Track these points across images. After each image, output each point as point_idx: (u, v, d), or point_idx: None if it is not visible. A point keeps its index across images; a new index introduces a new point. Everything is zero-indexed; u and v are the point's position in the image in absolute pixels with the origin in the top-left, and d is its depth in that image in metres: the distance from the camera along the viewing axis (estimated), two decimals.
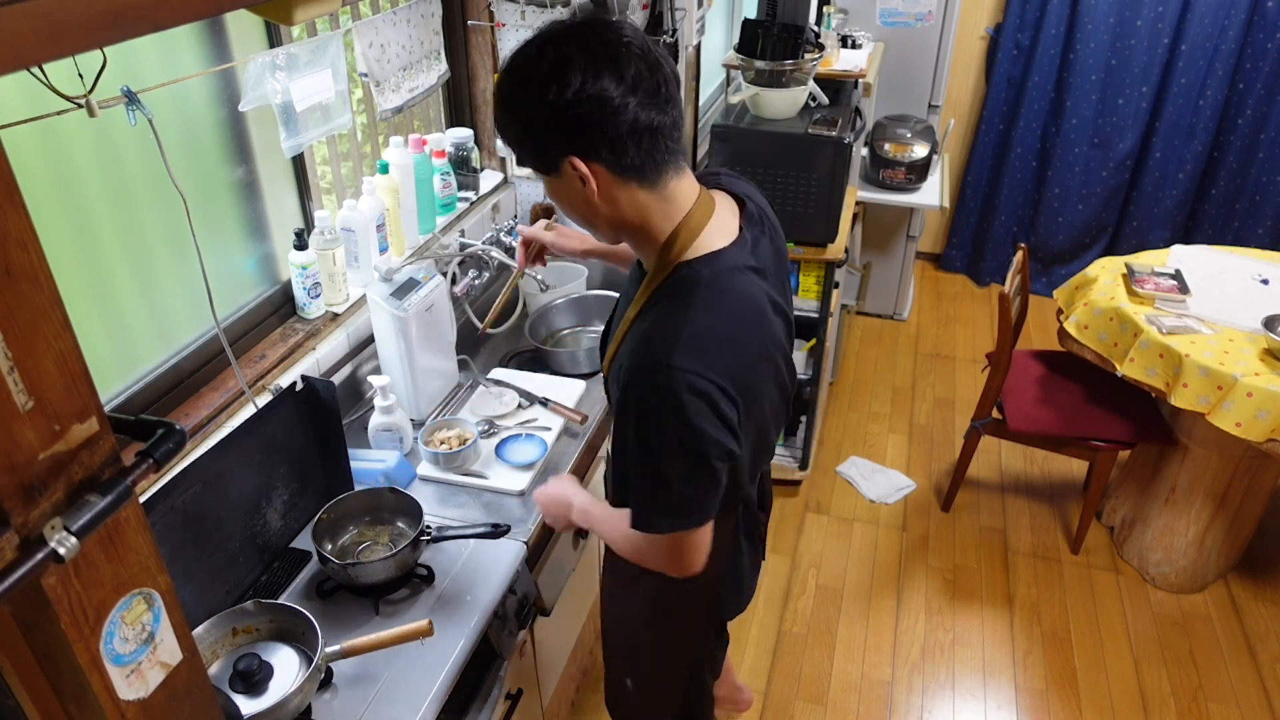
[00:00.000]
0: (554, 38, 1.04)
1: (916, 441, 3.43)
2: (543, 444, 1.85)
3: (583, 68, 1.01)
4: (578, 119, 1.02)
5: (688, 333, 1.08)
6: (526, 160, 1.11)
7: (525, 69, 1.04)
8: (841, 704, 2.41)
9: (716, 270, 1.13)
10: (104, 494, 0.65)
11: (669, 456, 1.11)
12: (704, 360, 1.07)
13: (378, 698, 1.35)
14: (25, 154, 1.28)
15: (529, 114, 1.05)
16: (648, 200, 1.12)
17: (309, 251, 1.83)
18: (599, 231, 1.18)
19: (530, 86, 1.03)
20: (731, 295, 1.13)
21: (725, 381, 1.08)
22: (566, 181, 1.10)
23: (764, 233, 1.24)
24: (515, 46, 1.10)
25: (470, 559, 1.60)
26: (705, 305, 1.10)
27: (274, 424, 1.55)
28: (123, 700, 0.71)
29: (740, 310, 1.13)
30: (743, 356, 1.13)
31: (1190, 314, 2.53)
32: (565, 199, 1.14)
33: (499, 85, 1.08)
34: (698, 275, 1.12)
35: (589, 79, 1.01)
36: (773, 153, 2.72)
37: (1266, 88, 3.83)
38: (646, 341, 1.11)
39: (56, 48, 0.62)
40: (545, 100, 1.02)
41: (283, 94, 1.62)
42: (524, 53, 1.06)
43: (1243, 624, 2.67)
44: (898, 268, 4.07)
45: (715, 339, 1.09)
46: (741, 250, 1.17)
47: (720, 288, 1.12)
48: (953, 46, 3.71)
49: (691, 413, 1.07)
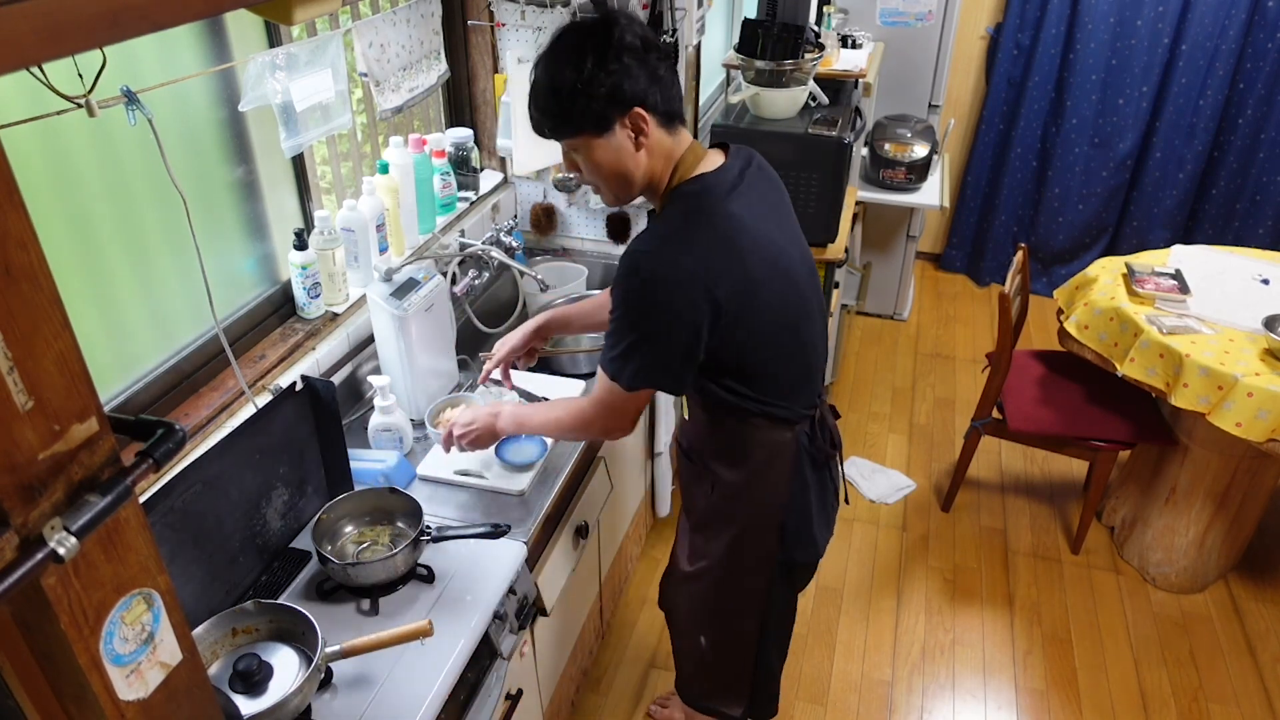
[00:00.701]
0: (592, 23, 1.30)
1: (916, 441, 3.43)
2: (542, 444, 1.85)
3: (631, 32, 1.28)
4: (645, 69, 1.28)
5: (665, 230, 1.34)
6: (582, 125, 1.31)
7: (595, 43, 1.27)
8: (841, 704, 2.41)
9: (697, 189, 1.36)
10: (104, 494, 0.64)
11: (635, 320, 1.33)
12: (678, 249, 1.31)
13: (378, 698, 1.35)
14: (25, 154, 1.28)
15: (605, 75, 1.26)
16: (668, 144, 1.37)
17: (309, 251, 1.83)
18: (633, 187, 1.39)
19: (609, 51, 1.26)
20: (709, 203, 1.35)
21: (696, 269, 1.30)
22: (618, 140, 1.32)
23: (749, 165, 1.45)
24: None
25: (470, 559, 1.60)
26: (684, 212, 1.35)
27: (274, 424, 1.55)
28: (122, 700, 0.71)
29: (715, 215, 1.34)
30: (713, 252, 1.32)
31: (1190, 314, 2.53)
32: (610, 159, 1.34)
33: (560, 69, 1.28)
34: (682, 192, 1.37)
35: (638, 38, 1.28)
36: (773, 153, 2.69)
37: (1266, 88, 3.83)
38: (635, 241, 1.35)
39: (56, 47, 0.62)
40: (620, 60, 1.26)
41: (283, 94, 1.62)
42: (577, 41, 1.28)
43: (1243, 624, 2.67)
44: (898, 268, 4.07)
45: (690, 235, 1.32)
46: (722, 175, 1.38)
47: (700, 198, 1.35)
48: (953, 46, 3.71)
49: (663, 291, 1.30)
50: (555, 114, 1.32)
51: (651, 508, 2.76)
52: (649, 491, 2.70)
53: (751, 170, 1.45)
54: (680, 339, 1.34)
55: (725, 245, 1.33)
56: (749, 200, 1.40)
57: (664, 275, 1.30)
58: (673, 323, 1.32)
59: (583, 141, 1.33)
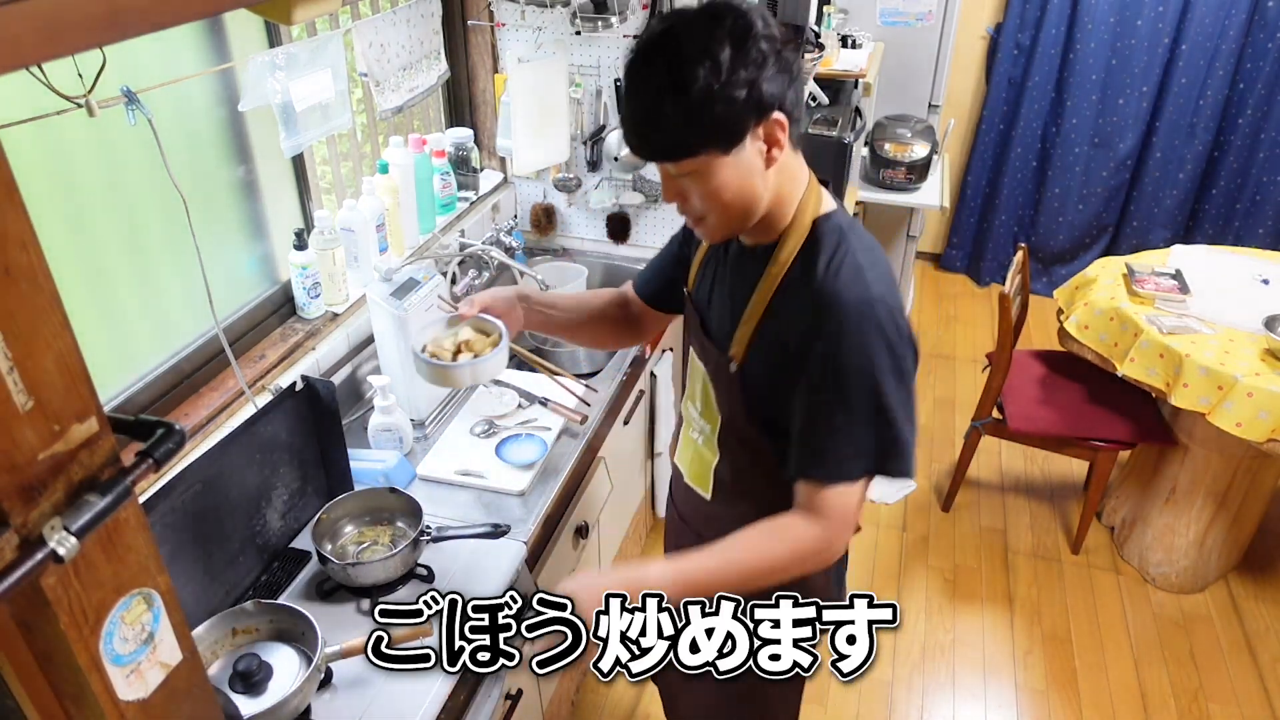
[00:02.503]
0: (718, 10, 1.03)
1: (917, 442, 3.42)
2: (543, 444, 1.85)
3: (765, 25, 1.04)
4: (786, 67, 1.05)
5: (869, 271, 1.12)
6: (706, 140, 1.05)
7: (735, 34, 1.01)
8: (841, 704, 2.41)
9: (848, 220, 1.18)
10: (104, 494, 0.64)
11: (886, 387, 1.11)
12: (887, 286, 1.12)
13: (377, 698, 1.35)
14: (25, 154, 1.28)
15: (743, 77, 1.01)
16: (793, 164, 1.15)
17: (309, 251, 1.83)
18: (757, 208, 1.14)
19: (747, 46, 1.01)
20: (868, 235, 1.19)
21: (900, 305, 1.14)
22: (747, 155, 1.07)
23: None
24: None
25: (470, 559, 1.60)
26: (861, 244, 1.15)
27: (274, 424, 1.55)
28: (122, 700, 0.71)
29: (878, 248, 1.19)
30: (895, 288, 1.16)
31: (1190, 314, 2.53)
32: (734, 177, 1.08)
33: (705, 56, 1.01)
34: (839, 223, 1.17)
35: (785, 39, 1.05)
36: None
37: (1266, 88, 3.83)
38: (838, 281, 1.11)
39: (56, 47, 0.62)
40: (763, 56, 1.02)
41: (282, 94, 1.62)
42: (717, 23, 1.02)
43: (1243, 624, 2.67)
44: (898, 267, 4.06)
45: (884, 271, 1.15)
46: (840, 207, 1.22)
47: (859, 230, 1.18)
48: (953, 46, 3.71)
49: (901, 342, 1.11)
50: (675, 127, 1.04)
51: (651, 508, 2.76)
52: (649, 491, 2.70)
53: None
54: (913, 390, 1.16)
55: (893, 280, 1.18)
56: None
57: (896, 312, 1.12)
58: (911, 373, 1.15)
59: (704, 161, 1.06)
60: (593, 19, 2.27)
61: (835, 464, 1.14)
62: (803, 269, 1.15)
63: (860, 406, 1.11)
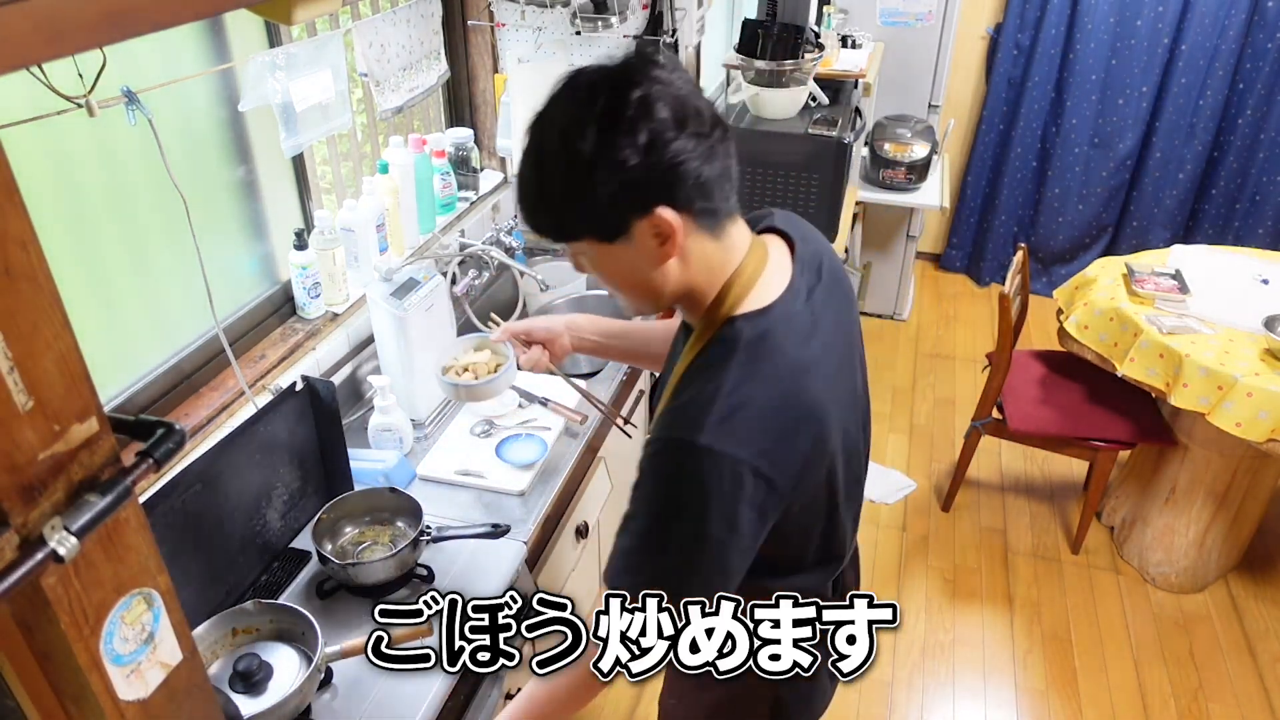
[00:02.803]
0: (621, 80, 0.90)
1: (916, 441, 3.42)
2: (543, 444, 1.85)
3: (670, 107, 0.89)
4: (676, 164, 0.90)
5: (720, 407, 0.95)
6: (586, 230, 0.96)
7: (607, 120, 0.88)
8: (841, 704, 2.41)
9: (761, 330, 0.99)
10: (104, 494, 0.64)
11: (682, 550, 0.99)
12: (736, 437, 0.94)
13: (378, 698, 1.35)
14: (25, 154, 1.28)
15: (616, 169, 0.89)
16: (714, 252, 0.99)
17: (309, 251, 1.83)
18: (657, 300, 1.03)
19: (620, 135, 0.88)
20: (776, 360, 0.98)
21: (759, 460, 0.95)
22: (636, 245, 0.94)
23: (820, 278, 1.08)
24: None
25: (470, 559, 1.60)
26: (744, 372, 0.97)
27: (274, 424, 1.55)
28: (122, 700, 0.71)
29: (782, 378, 0.98)
30: (779, 431, 0.97)
31: (1190, 314, 2.53)
32: (625, 268, 0.99)
33: (560, 145, 0.91)
34: (739, 336, 0.99)
35: (679, 118, 0.89)
36: (773, 153, 2.72)
37: (1266, 88, 3.83)
38: (677, 413, 0.99)
39: (56, 47, 0.62)
40: (638, 147, 0.88)
41: (282, 94, 1.62)
42: (584, 103, 0.90)
43: (1243, 624, 2.67)
44: (898, 268, 4.07)
45: (750, 411, 0.95)
46: (791, 303, 1.02)
47: (762, 352, 0.98)
48: (953, 46, 3.71)
49: (715, 502, 0.95)
50: (544, 210, 0.98)
51: None
52: None
53: (823, 286, 1.07)
54: (728, 558, 1.00)
55: (793, 420, 0.98)
56: (823, 336, 1.04)
57: (730, 473, 0.94)
58: (726, 539, 0.98)
59: (587, 246, 0.98)
60: (593, 19, 2.27)
61: (609, 568, 1.04)
62: (695, 372, 1.01)
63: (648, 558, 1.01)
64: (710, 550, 0.98)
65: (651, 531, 1.00)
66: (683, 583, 0.99)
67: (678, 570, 1.00)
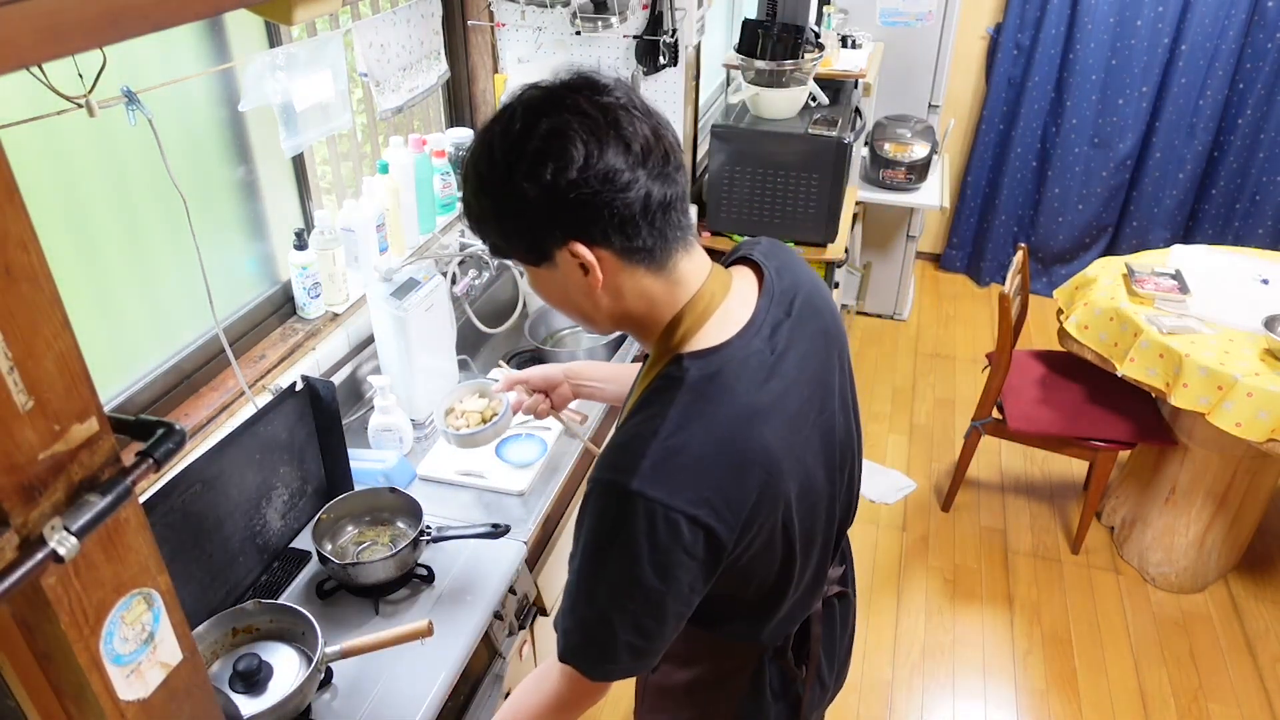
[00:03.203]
0: (538, 106, 0.87)
1: (916, 441, 3.43)
2: (543, 444, 1.86)
3: (584, 139, 0.85)
4: (583, 200, 0.86)
5: (657, 450, 0.90)
6: (510, 252, 0.94)
7: (510, 147, 0.87)
8: (841, 704, 2.41)
9: (710, 371, 0.93)
10: (104, 494, 0.64)
11: (615, 599, 0.95)
12: (671, 483, 0.90)
13: (378, 698, 1.35)
14: (25, 154, 1.28)
15: (518, 199, 0.87)
16: (654, 286, 0.95)
17: (309, 251, 1.83)
18: (596, 325, 1.01)
19: (520, 167, 0.86)
20: (722, 403, 0.93)
21: (697, 509, 0.90)
22: (562, 272, 0.92)
23: (790, 314, 1.01)
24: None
25: (470, 559, 1.60)
26: (685, 415, 0.92)
27: (274, 424, 1.55)
28: (123, 700, 0.71)
29: (727, 423, 0.93)
30: (721, 478, 0.92)
31: (1190, 314, 2.53)
32: (558, 292, 0.97)
33: (473, 167, 0.91)
34: (685, 376, 0.93)
35: (593, 152, 0.85)
36: (773, 153, 2.72)
37: (1266, 88, 3.83)
38: (614, 453, 0.94)
39: (56, 48, 0.62)
40: (541, 182, 0.85)
41: (283, 94, 1.62)
42: (502, 127, 0.88)
43: (1243, 624, 2.67)
44: (898, 268, 4.07)
45: (689, 457, 0.91)
46: (749, 340, 0.96)
47: (708, 393, 0.93)
48: (953, 46, 3.71)
49: (648, 550, 0.91)
50: (475, 226, 0.95)
51: None
52: None
53: (792, 322, 1.01)
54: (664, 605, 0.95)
55: (737, 467, 0.93)
56: (785, 377, 0.98)
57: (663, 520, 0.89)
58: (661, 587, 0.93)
59: (520, 264, 0.97)
60: (593, 19, 2.28)
61: (572, 654, 1.02)
62: (638, 408, 0.97)
63: (582, 601, 0.98)
64: (642, 596, 0.94)
65: (585, 572, 0.97)
66: (615, 624, 0.97)
67: (610, 612, 0.96)
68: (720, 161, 2.76)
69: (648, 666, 1.02)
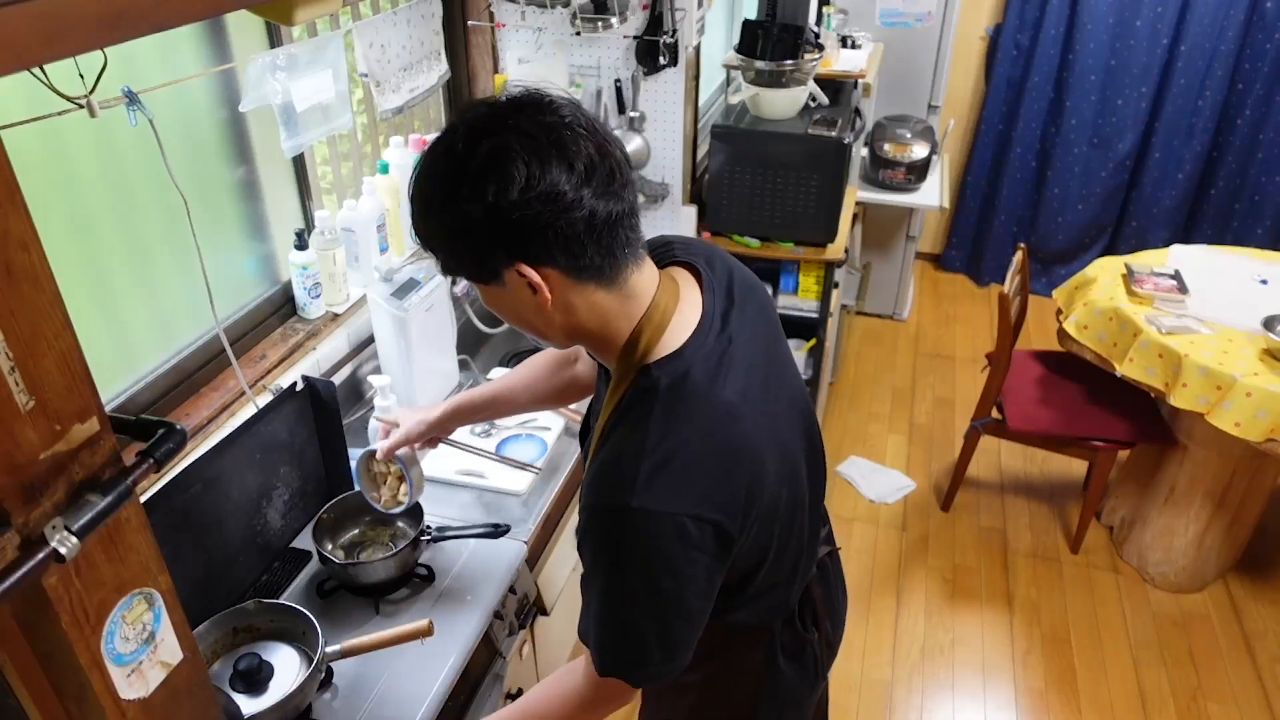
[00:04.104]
0: (481, 126, 0.87)
1: (916, 441, 3.43)
2: (542, 444, 1.86)
3: (525, 159, 0.84)
4: (525, 221, 0.85)
5: (647, 463, 0.92)
6: (459, 270, 0.94)
7: (452, 167, 0.87)
8: (841, 704, 2.41)
9: (677, 375, 0.95)
10: (105, 494, 0.65)
11: (640, 610, 0.98)
12: (669, 490, 0.92)
13: (378, 698, 1.35)
14: (26, 154, 1.28)
15: (462, 220, 0.87)
16: (607, 302, 0.95)
17: (309, 251, 1.83)
18: (552, 340, 1.01)
19: (462, 188, 0.85)
20: (696, 402, 0.95)
21: (700, 507, 0.93)
22: (512, 290, 0.92)
23: (732, 300, 1.05)
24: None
25: (470, 559, 1.60)
26: (666, 422, 0.94)
27: (274, 424, 1.55)
28: (123, 700, 0.71)
29: (706, 418, 0.95)
30: (716, 472, 0.95)
31: (1189, 314, 2.53)
32: (510, 309, 0.97)
33: (417, 188, 0.90)
34: (657, 385, 0.95)
35: (535, 172, 0.84)
36: (773, 153, 2.72)
37: (1266, 88, 3.83)
38: (604, 475, 0.96)
39: (57, 48, 0.62)
40: (483, 203, 0.84)
41: (283, 94, 1.62)
42: (445, 147, 0.88)
43: (1242, 624, 2.67)
44: (898, 268, 4.07)
45: (681, 461, 0.93)
46: (706, 338, 0.99)
47: (681, 395, 0.95)
48: (953, 46, 3.71)
49: (660, 558, 0.93)
50: (423, 244, 0.95)
51: None
52: None
53: (737, 308, 1.05)
54: (688, 604, 0.99)
55: (727, 460, 0.96)
56: (744, 361, 1.01)
57: (671, 528, 0.92)
58: (681, 588, 0.97)
59: (467, 281, 0.97)
60: (593, 19, 2.28)
61: (614, 668, 1.04)
62: (610, 431, 0.99)
63: (610, 621, 1.01)
64: (666, 602, 0.97)
65: (606, 591, 1.00)
66: (646, 633, 1.00)
67: (638, 623, 0.99)
68: (720, 162, 2.76)
69: (685, 664, 1.04)
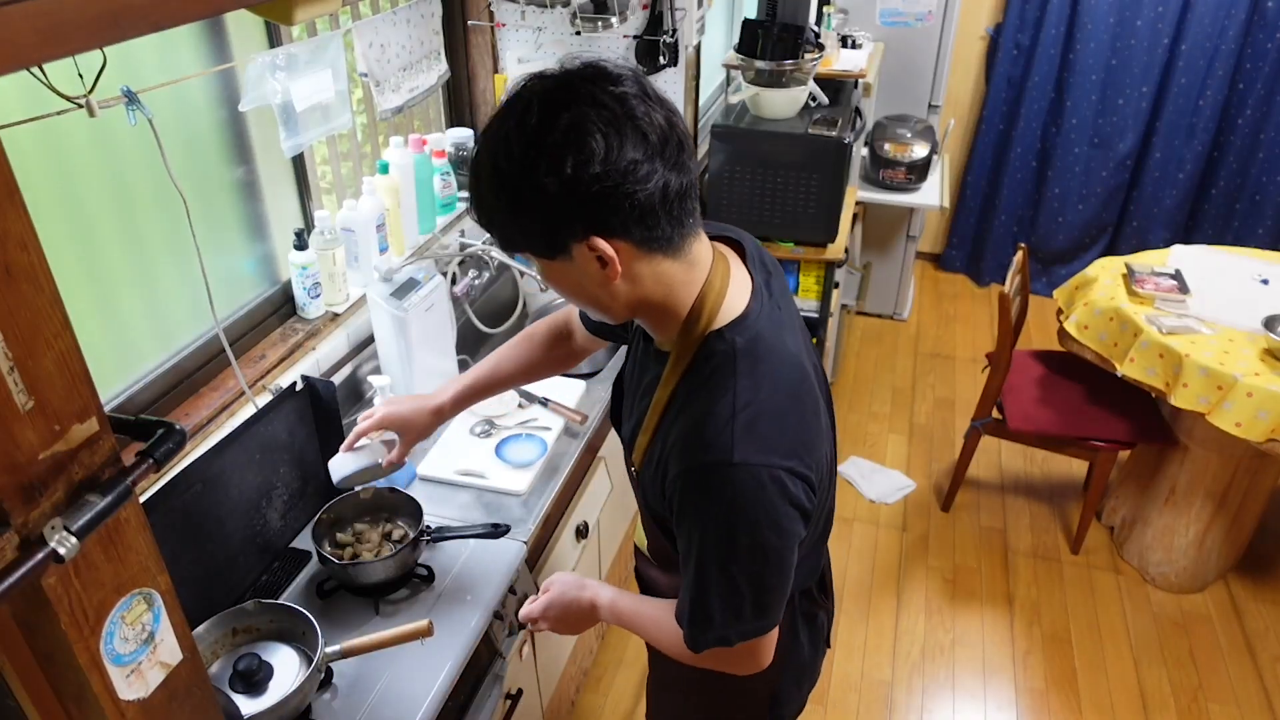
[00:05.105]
0: (556, 97, 0.86)
1: (916, 441, 3.43)
2: (542, 444, 1.86)
3: (603, 131, 0.84)
4: (603, 194, 0.85)
5: (742, 418, 0.94)
6: (524, 246, 0.94)
7: (530, 139, 0.85)
8: (841, 704, 2.41)
9: (750, 337, 0.99)
10: (104, 494, 0.65)
11: (744, 566, 0.99)
12: (765, 444, 0.95)
13: (378, 698, 1.35)
14: (25, 154, 1.28)
15: (537, 194, 0.86)
16: (673, 271, 0.97)
17: (309, 251, 1.83)
18: (611, 314, 1.01)
19: (541, 160, 0.85)
20: (773, 360, 0.99)
21: (791, 461, 0.96)
22: (579, 265, 0.92)
23: (770, 274, 1.11)
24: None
25: (470, 559, 1.60)
26: (751, 380, 0.97)
27: (274, 424, 1.55)
28: (123, 700, 0.71)
29: (785, 375, 1.00)
30: (800, 425, 0.99)
31: (1190, 314, 2.53)
32: (573, 284, 0.97)
33: (489, 161, 0.89)
34: (733, 347, 0.98)
35: (613, 144, 0.84)
36: (773, 153, 2.72)
37: (1266, 88, 3.83)
38: (696, 436, 0.97)
39: (56, 48, 0.62)
40: (560, 176, 0.84)
41: (283, 94, 1.62)
42: (517, 120, 0.87)
43: (1242, 624, 2.67)
44: (898, 268, 4.07)
45: (770, 415, 0.96)
46: (762, 303, 1.03)
47: (759, 355, 0.99)
48: (953, 46, 3.71)
49: (764, 512, 0.95)
50: (485, 222, 0.94)
51: None
52: None
53: (773, 278, 1.11)
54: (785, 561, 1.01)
55: (801, 414, 1.00)
56: (791, 324, 1.07)
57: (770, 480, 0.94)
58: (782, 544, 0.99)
59: (532, 259, 0.97)
60: (593, 19, 2.28)
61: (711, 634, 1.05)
62: (685, 399, 1.01)
63: (709, 582, 1.01)
64: (772, 559, 0.99)
65: (714, 555, 0.99)
66: (746, 592, 1.01)
67: (742, 583, 1.00)
68: (720, 161, 2.76)
69: (777, 621, 1.06)
